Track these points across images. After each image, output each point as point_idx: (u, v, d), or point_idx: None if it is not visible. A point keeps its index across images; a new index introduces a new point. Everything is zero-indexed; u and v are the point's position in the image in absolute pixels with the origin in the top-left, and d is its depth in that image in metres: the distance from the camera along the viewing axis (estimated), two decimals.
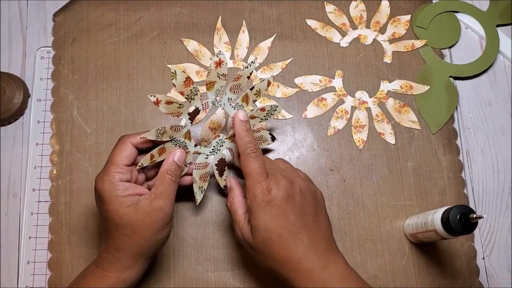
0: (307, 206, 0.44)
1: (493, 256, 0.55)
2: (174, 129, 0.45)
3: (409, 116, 0.58)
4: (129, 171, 0.45)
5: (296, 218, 0.43)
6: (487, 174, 0.57)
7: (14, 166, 0.55)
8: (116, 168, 0.43)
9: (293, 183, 0.44)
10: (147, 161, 0.45)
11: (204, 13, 0.61)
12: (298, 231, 0.42)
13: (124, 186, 0.43)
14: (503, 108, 0.60)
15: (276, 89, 0.58)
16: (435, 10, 0.63)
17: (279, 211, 0.42)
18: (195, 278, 0.52)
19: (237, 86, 0.48)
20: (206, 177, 0.50)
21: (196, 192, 0.50)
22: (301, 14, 0.61)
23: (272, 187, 0.43)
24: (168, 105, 0.44)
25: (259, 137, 0.53)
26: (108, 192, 0.43)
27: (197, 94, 0.46)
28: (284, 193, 0.43)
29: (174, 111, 0.45)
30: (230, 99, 0.49)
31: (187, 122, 0.47)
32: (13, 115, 0.56)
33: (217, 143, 0.51)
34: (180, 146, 0.47)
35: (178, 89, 0.44)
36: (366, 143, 0.57)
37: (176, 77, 0.43)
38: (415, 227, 0.51)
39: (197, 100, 0.47)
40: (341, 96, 0.59)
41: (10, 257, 0.52)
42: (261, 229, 0.42)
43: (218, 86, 0.47)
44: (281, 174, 0.44)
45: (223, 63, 0.46)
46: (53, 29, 0.59)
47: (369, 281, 0.52)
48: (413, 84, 0.60)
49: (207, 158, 0.50)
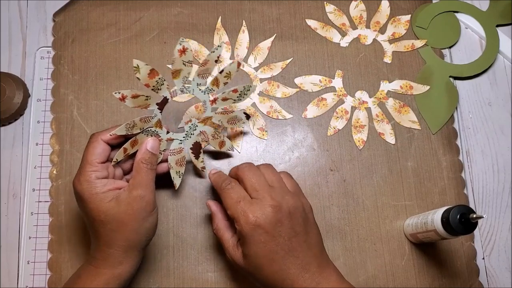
0: (296, 227, 0.43)
1: (493, 256, 0.55)
2: (144, 121, 0.46)
3: (409, 116, 0.58)
4: (104, 168, 0.45)
5: (286, 241, 0.43)
6: (487, 174, 0.57)
7: (14, 166, 0.55)
8: (91, 167, 0.44)
9: (281, 205, 0.43)
10: (121, 156, 0.46)
11: (204, 13, 0.61)
12: (289, 253, 0.43)
13: (102, 183, 0.43)
14: (503, 108, 0.60)
15: (276, 89, 0.58)
16: (435, 10, 0.63)
17: (268, 237, 0.42)
18: (195, 278, 0.52)
19: (205, 71, 0.48)
20: (182, 161, 0.51)
21: (174, 177, 0.51)
22: (301, 14, 0.61)
23: (259, 214, 0.42)
24: (135, 99, 0.44)
25: (233, 118, 0.53)
26: (88, 191, 0.43)
27: (163, 84, 0.46)
28: (271, 218, 0.42)
29: (142, 104, 0.45)
30: (199, 84, 0.49)
31: (157, 112, 0.47)
32: (13, 115, 0.56)
33: (190, 128, 0.51)
34: (152, 135, 0.48)
35: (143, 81, 0.44)
36: (366, 143, 0.57)
37: (139, 71, 0.44)
38: (415, 227, 0.51)
39: (164, 90, 0.47)
40: (341, 96, 0.59)
41: (10, 257, 0.52)
42: (251, 256, 0.43)
43: (185, 73, 0.47)
44: (269, 196, 0.43)
45: (187, 50, 0.45)
46: (53, 29, 0.59)
47: (369, 281, 0.52)
48: (413, 84, 0.60)
49: (181, 143, 0.51)
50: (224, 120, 0.52)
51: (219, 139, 0.54)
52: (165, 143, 0.50)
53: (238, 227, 0.43)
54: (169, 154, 0.50)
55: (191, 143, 0.52)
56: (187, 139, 0.51)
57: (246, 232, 0.42)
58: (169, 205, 0.53)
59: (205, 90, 0.49)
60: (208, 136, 0.52)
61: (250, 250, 0.43)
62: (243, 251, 0.44)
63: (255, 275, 0.44)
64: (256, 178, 0.45)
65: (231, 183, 0.46)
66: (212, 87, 0.49)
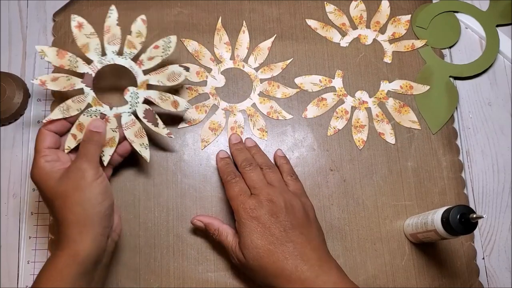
0: (293, 220, 0.45)
1: (493, 256, 0.55)
2: (77, 101, 0.47)
3: (409, 116, 0.58)
4: (53, 153, 0.45)
5: (281, 232, 0.44)
6: (487, 174, 0.57)
7: (14, 166, 0.55)
8: (39, 154, 0.44)
9: (277, 200, 0.46)
10: (72, 142, 0.46)
11: (204, 13, 0.61)
12: (285, 244, 0.44)
13: (51, 165, 0.44)
14: (503, 108, 0.60)
15: (276, 89, 0.58)
16: (435, 10, 0.63)
17: (264, 228, 0.44)
18: (195, 278, 0.52)
19: (113, 37, 0.50)
20: (141, 132, 0.50)
21: (140, 150, 0.50)
22: (301, 14, 0.61)
23: (255, 206, 0.45)
24: (55, 81, 0.45)
25: (170, 74, 0.52)
26: (38, 175, 0.44)
27: (77, 60, 0.47)
28: (267, 210, 0.45)
29: (66, 84, 0.46)
30: (114, 51, 0.50)
31: (86, 89, 0.48)
32: (13, 115, 0.56)
33: (132, 97, 0.50)
34: (96, 115, 0.48)
35: (55, 63, 0.46)
36: (366, 143, 0.57)
37: (46, 54, 0.45)
38: (415, 227, 0.51)
39: (82, 66, 0.48)
40: (341, 96, 0.59)
41: (10, 257, 0.52)
42: (249, 246, 0.44)
43: (94, 45, 0.49)
44: (266, 192, 0.46)
45: (83, 24, 0.47)
46: (53, 29, 0.59)
47: (369, 281, 0.52)
48: (413, 84, 0.60)
49: (130, 115, 0.50)
50: (163, 79, 0.51)
51: (170, 100, 0.52)
52: (114, 120, 0.49)
53: (237, 218, 0.46)
54: (124, 129, 0.49)
55: (142, 112, 0.50)
56: (134, 109, 0.50)
57: (244, 221, 0.45)
58: (169, 205, 0.53)
59: (126, 55, 0.50)
60: (156, 99, 0.51)
61: (247, 240, 0.44)
62: (241, 243, 0.45)
63: (255, 268, 0.44)
64: (257, 177, 0.48)
65: (235, 177, 0.48)
66: (129, 50, 0.50)
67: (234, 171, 0.50)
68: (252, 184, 0.48)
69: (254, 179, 0.48)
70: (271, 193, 0.46)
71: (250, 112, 0.57)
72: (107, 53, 0.50)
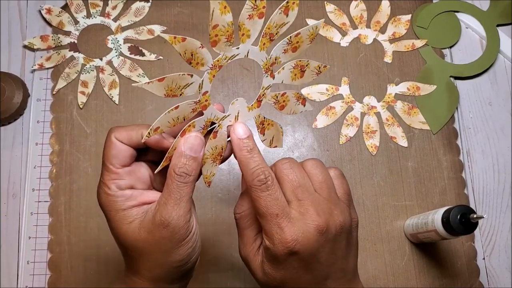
0: (338, 251, 0.34)
1: (493, 256, 0.55)
2: (72, 65, 0.55)
3: (419, 118, 0.58)
4: (128, 173, 0.34)
5: (322, 269, 0.34)
6: (487, 174, 0.57)
7: (14, 166, 0.55)
8: (108, 174, 0.34)
9: (328, 226, 0.33)
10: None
11: (204, 13, 0.61)
12: (321, 282, 0.34)
13: (124, 196, 0.34)
14: (504, 108, 0.60)
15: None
16: (435, 10, 0.63)
17: (303, 265, 0.33)
18: (195, 278, 0.51)
19: (78, 6, 0.59)
20: (134, 66, 0.48)
21: (140, 81, 0.44)
22: (301, 14, 0.61)
23: (297, 237, 0.32)
24: (50, 60, 0.55)
25: (135, 11, 0.59)
26: (106, 206, 0.34)
27: (59, 37, 0.57)
28: (313, 244, 0.33)
29: (59, 58, 0.56)
30: (84, 17, 0.58)
31: (76, 54, 0.53)
32: (13, 115, 0.56)
33: (113, 43, 0.56)
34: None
35: (43, 47, 0.57)
36: (378, 148, 0.57)
37: (34, 44, 0.56)
38: (416, 227, 0.51)
39: (64, 39, 0.56)
40: (349, 103, 0.59)
41: (10, 257, 0.52)
42: (276, 278, 0.34)
43: (66, 19, 0.57)
44: (314, 210, 0.33)
45: (50, 8, 0.55)
46: (53, 29, 0.59)
47: (369, 281, 0.52)
48: (420, 84, 0.59)
49: (119, 57, 0.50)
50: (131, 18, 0.58)
51: (144, 30, 0.53)
52: (109, 67, 0.55)
53: (269, 245, 0.33)
54: (119, 69, 0.46)
55: (127, 50, 0.48)
56: (120, 50, 0.49)
57: (279, 254, 0.33)
58: None
59: (93, 15, 0.56)
60: (133, 35, 0.50)
61: (276, 273, 0.34)
62: (266, 269, 0.34)
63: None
64: (300, 181, 0.34)
65: (267, 182, 0.33)
66: (95, 9, 0.58)
67: (263, 171, 0.34)
68: (295, 193, 0.34)
69: (297, 184, 0.34)
70: (321, 212, 0.33)
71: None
72: (79, 20, 0.58)
